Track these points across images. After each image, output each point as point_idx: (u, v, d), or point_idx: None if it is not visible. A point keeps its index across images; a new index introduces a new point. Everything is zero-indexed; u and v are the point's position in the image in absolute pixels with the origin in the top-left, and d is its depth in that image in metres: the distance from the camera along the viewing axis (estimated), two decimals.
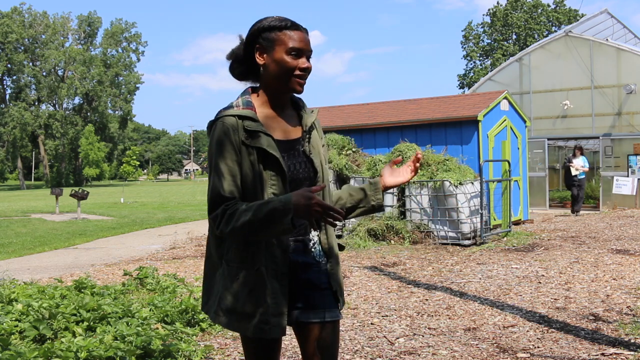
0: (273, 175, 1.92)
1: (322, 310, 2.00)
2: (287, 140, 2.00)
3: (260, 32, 1.98)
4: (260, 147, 1.90)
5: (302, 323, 2.00)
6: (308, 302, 2.00)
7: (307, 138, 2.04)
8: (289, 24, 1.98)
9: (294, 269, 1.98)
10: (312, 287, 2.01)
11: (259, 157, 1.91)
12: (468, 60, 54.45)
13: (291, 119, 2.05)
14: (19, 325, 3.93)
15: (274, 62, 1.96)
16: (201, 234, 11.81)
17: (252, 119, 1.93)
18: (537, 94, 16.62)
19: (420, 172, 9.78)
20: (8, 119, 63.32)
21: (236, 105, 1.98)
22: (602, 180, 15.68)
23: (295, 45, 1.95)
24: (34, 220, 16.74)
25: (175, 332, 4.15)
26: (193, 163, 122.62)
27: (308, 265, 2.02)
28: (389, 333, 4.44)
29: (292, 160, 1.99)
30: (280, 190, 1.92)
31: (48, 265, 8.58)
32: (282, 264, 1.92)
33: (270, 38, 1.97)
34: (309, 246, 2.04)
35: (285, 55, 1.94)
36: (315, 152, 2.05)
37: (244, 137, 1.91)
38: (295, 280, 1.98)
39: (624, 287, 5.81)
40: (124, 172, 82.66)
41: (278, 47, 1.95)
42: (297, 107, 2.10)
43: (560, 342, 4.11)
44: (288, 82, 1.96)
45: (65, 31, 71.08)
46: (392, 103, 13.10)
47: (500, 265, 7.26)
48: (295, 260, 1.99)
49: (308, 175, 2.02)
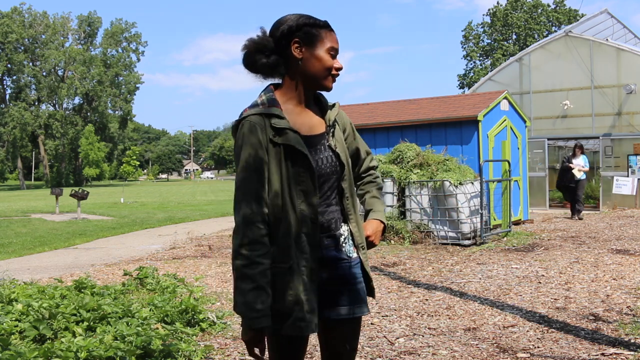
0: (302, 172, 1.93)
1: (351, 306, 2.03)
2: (312, 136, 2.01)
3: (302, 27, 1.98)
4: (288, 144, 1.91)
5: (327, 319, 2.03)
6: (338, 298, 2.02)
7: (331, 132, 2.05)
8: (327, 24, 2.02)
9: (325, 266, 2.00)
10: (343, 283, 2.03)
11: (286, 155, 1.91)
12: (468, 60, 54.46)
13: (314, 115, 2.07)
14: (19, 325, 3.93)
15: (314, 58, 1.97)
16: (201, 234, 11.81)
17: (278, 116, 1.93)
18: (537, 94, 16.62)
19: (420, 172, 9.78)
20: (8, 119, 63.32)
21: (261, 104, 1.97)
22: (602, 180, 15.68)
23: (335, 45, 2.00)
24: (34, 220, 16.74)
25: (175, 332, 4.15)
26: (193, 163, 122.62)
27: (339, 261, 2.04)
28: (389, 333, 4.44)
29: (318, 155, 2.00)
30: (308, 186, 1.93)
31: (48, 265, 8.58)
32: (312, 260, 1.93)
33: (312, 34, 1.98)
34: (340, 242, 2.05)
35: (326, 53, 1.98)
36: (340, 146, 2.06)
37: (271, 135, 1.91)
38: (326, 277, 2.00)
39: (624, 287, 5.81)
40: (124, 172, 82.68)
41: (319, 43, 1.98)
42: (319, 102, 2.11)
43: (560, 342, 4.11)
44: (324, 79, 1.99)
45: (65, 31, 71.08)
46: (392, 103, 13.10)
47: (500, 265, 7.26)
48: (327, 256, 2.01)
49: (334, 169, 2.03)
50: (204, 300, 5.41)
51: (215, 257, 8.56)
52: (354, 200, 2.10)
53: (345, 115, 2.18)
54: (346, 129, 2.16)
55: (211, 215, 17.55)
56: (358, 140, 2.21)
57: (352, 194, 2.08)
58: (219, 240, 10.62)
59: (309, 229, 1.93)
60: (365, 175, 2.26)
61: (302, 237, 1.92)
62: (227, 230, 12.32)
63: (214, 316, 4.66)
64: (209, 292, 5.98)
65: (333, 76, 2.01)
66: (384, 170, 9.89)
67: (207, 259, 8.46)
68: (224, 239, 10.87)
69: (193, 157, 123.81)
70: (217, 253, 9.01)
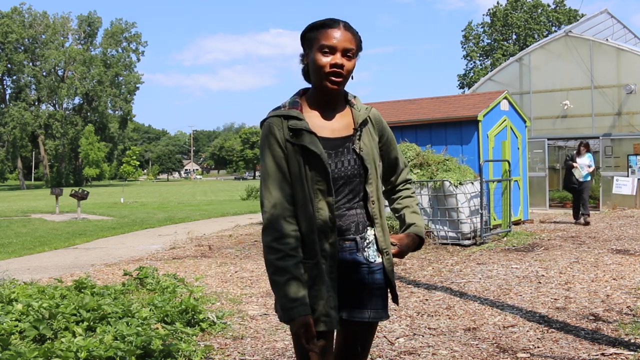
0: (317, 172, 1.96)
1: (368, 310, 2.05)
2: (335, 138, 2.02)
3: (303, 35, 2.03)
4: (302, 144, 1.94)
5: (346, 321, 2.05)
6: (355, 301, 2.04)
7: (358, 135, 2.05)
8: (329, 22, 1.99)
9: (343, 268, 2.01)
10: (361, 287, 2.04)
11: (303, 155, 1.95)
12: (468, 60, 54.44)
13: (342, 117, 2.07)
14: (19, 325, 3.92)
15: (311, 62, 1.99)
16: (201, 234, 11.81)
17: (297, 118, 1.97)
18: (537, 94, 16.62)
19: (420, 172, 9.78)
20: (8, 119, 63.33)
21: (283, 106, 2.04)
22: (602, 180, 15.67)
23: (326, 42, 1.96)
24: (34, 220, 16.74)
25: (175, 332, 4.15)
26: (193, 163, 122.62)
27: (358, 265, 2.04)
28: (389, 333, 4.44)
29: (339, 157, 2.01)
30: (325, 187, 1.96)
31: (48, 265, 8.58)
32: (330, 258, 1.96)
33: (309, 39, 2.01)
34: (362, 245, 2.05)
35: (317, 53, 1.97)
36: (367, 150, 2.05)
37: (288, 136, 1.96)
38: (344, 279, 2.02)
39: (624, 287, 5.81)
40: (124, 172, 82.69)
41: (314, 46, 1.98)
42: (350, 104, 2.11)
43: (560, 342, 4.11)
44: (323, 80, 1.98)
45: (65, 31, 71.09)
46: (392, 103, 13.10)
47: (500, 265, 7.26)
48: (345, 258, 2.02)
49: (358, 172, 2.03)
50: (204, 300, 5.41)
51: (215, 257, 8.55)
52: (380, 205, 2.10)
53: (384, 122, 2.19)
54: (384, 135, 2.16)
55: (211, 215, 17.55)
56: (397, 149, 2.22)
57: (378, 198, 2.08)
58: (219, 240, 10.62)
59: (327, 227, 1.96)
60: (402, 188, 2.27)
61: (321, 235, 1.95)
62: (227, 231, 12.32)
63: (214, 316, 4.66)
64: (209, 292, 5.98)
65: (331, 74, 1.96)
66: None
67: (207, 259, 8.45)
68: (224, 239, 10.87)
69: (193, 157, 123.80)
70: (217, 253, 9.01)
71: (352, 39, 1.99)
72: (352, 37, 1.99)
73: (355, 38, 2.01)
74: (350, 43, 1.98)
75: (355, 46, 2.00)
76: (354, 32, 2.01)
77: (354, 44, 1.99)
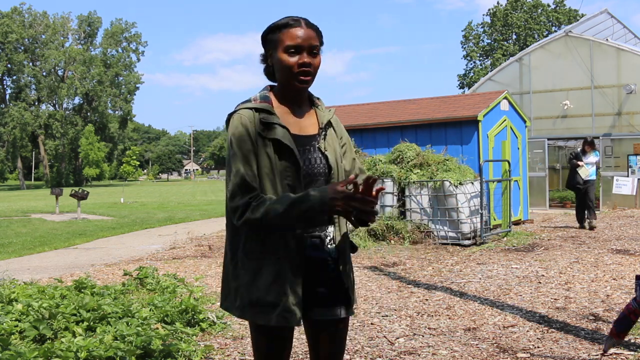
0: (288, 167, 1.95)
1: (336, 307, 2.04)
2: (303, 136, 2.03)
3: (266, 35, 2.03)
4: (275, 138, 1.94)
5: (314, 320, 2.05)
6: (323, 299, 2.03)
7: (323, 135, 2.06)
8: (290, 22, 1.98)
9: (310, 265, 2.00)
10: (328, 284, 2.04)
11: (274, 149, 1.94)
12: (468, 60, 54.43)
13: (308, 116, 2.08)
14: (19, 325, 3.93)
15: (277, 62, 1.99)
16: (201, 234, 11.81)
17: (268, 111, 1.97)
18: (537, 94, 16.62)
19: (420, 172, 9.78)
20: (8, 119, 63.29)
21: (254, 99, 2.03)
22: (602, 180, 15.67)
23: (291, 42, 1.95)
24: (34, 220, 16.73)
25: (175, 332, 4.15)
26: (193, 163, 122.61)
27: (324, 262, 2.04)
28: (389, 333, 4.44)
29: (307, 155, 2.01)
30: (294, 181, 1.96)
31: (48, 265, 8.58)
32: (297, 256, 1.95)
33: (272, 39, 2.00)
34: (326, 242, 2.05)
35: (283, 54, 1.96)
36: (331, 149, 2.07)
37: (260, 129, 1.94)
38: (311, 276, 2.01)
39: (624, 287, 5.81)
40: (124, 172, 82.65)
41: (279, 46, 1.97)
42: (314, 105, 2.12)
43: (560, 342, 4.11)
44: (291, 79, 1.97)
45: (65, 31, 71.05)
46: (392, 103, 13.10)
47: (500, 265, 7.26)
48: (312, 256, 2.01)
49: (323, 171, 2.04)
50: (204, 300, 5.41)
51: (215, 257, 8.55)
52: None
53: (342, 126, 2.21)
54: (343, 138, 2.18)
55: (211, 215, 17.54)
56: (354, 153, 2.23)
57: None
58: (219, 240, 10.61)
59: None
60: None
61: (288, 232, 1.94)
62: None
63: (214, 316, 4.66)
64: (209, 292, 5.98)
65: (300, 74, 1.96)
66: (384, 170, 9.89)
67: (207, 259, 8.46)
68: (224, 239, 10.86)
69: (193, 157, 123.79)
70: (217, 253, 9.00)
71: (315, 36, 1.99)
72: (315, 34, 1.98)
73: (318, 34, 2.01)
74: (314, 40, 1.98)
75: (319, 42, 2.00)
76: (316, 28, 2.01)
77: (317, 40, 1.99)
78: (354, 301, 2.11)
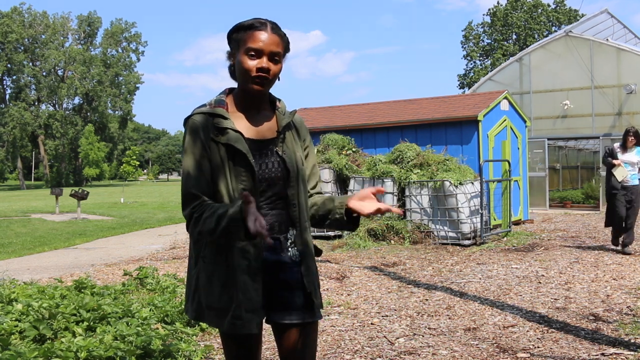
0: (243, 172, 1.93)
1: (300, 311, 2.00)
2: (259, 140, 2.00)
3: (231, 34, 2.00)
4: (228, 143, 1.92)
5: (279, 324, 2.01)
6: (285, 302, 1.99)
7: (281, 138, 2.03)
8: (256, 24, 1.94)
9: (269, 268, 1.97)
10: (289, 287, 2.00)
11: (228, 154, 1.92)
12: (468, 60, 54.44)
13: (266, 120, 2.04)
14: (19, 325, 3.92)
15: (237, 64, 1.96)
16: None
17: (222, 116, 1.95)
18: (537, 94, 16.62)
19: (420, 172, 9.78)
20: (8, 119, 63.30)
21: (209, 104, 2.01)
22: (602, 180, 15.67)
23: (253, 45, 1.91)
24: (34, 220, 16.74)
25: (175, 332, 4.15)
26: None
27: (283, 265, 2.00)
28: (389, 333, 4.44)
29: (264, 159, 1.98)
30: (250, 185, 1.93)
31: (48, 265, 8.58)
32: (254, 260, 1.92)
33: (236, 39, 1.97)
34: (286, 245, 2.02)
35: (244, 56, 1.93)
36: (290, 153, 2.03)
37: (213, 134, 1.93)
38: (271, 280, 1.98)
39: (624, 287, 5.81)
40: (124, 172, 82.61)
41: (241, 48, 1.94)
42: (275, 108, 2.08)
43: (560, 342, 4.11)
44: (248, 82, 1.94)
45: (65, 31, 71.07)
46: (392, 103, 13.10)
47: (500, 265, 7.26)
48: (270, 259, 1.97)
49: (282, 175, 2.00)
50: None
51: None
52: (302, 208, 2.04)
53: (307, 129, 2.16)
54: (306, 141, 2.14)
55: None
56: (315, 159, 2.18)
57: (299, 202, 2.02)
58: None
59: None
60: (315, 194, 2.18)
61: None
62: None
63: None
64: None
65: (256, 78, 1.92)
66: (384, 170, 9.89)
67: None
68: None
69: None
70: None
71: (280, 42, 1.95)
72: (279, 40, 1.95)
73: (283, 41, 1.97)
74: (277, 46, 1.94)
75: (282, 49, 1.96)
76: (282, 34, 1.97)
77: (280, 47, 1.95)
78: (319, 305, 2.05)
